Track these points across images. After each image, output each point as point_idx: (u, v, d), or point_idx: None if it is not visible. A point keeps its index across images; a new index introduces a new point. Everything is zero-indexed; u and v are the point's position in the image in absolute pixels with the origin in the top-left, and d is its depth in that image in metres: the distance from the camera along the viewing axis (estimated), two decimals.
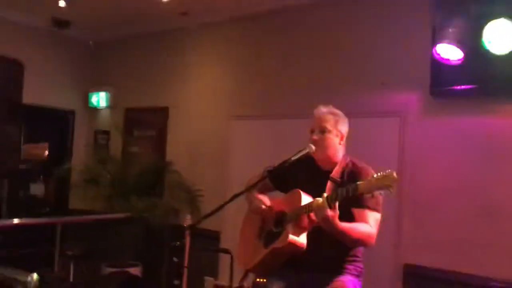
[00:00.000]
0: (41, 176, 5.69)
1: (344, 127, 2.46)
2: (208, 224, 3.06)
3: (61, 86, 5.72)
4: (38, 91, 5.13)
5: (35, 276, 1.96)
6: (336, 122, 2.43)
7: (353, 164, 2.41)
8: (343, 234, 2.14)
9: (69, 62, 5.79)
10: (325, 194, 2.11)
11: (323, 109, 2.47)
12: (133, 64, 5.62)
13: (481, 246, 3.25)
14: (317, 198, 2.13)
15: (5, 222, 3.99)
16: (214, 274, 4.58)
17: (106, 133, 5.77)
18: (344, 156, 2.46)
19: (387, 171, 1.95)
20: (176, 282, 2.60)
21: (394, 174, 1.93)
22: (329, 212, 2.06)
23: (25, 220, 4.06)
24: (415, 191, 3.55)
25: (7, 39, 4.90)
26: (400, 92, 3.68)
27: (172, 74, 5.25)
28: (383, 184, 1.95)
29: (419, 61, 3.52)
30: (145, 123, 5.42)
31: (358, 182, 2.05)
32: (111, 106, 5.73)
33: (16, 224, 3.96)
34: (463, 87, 3.27)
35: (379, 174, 1.98)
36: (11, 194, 5.32)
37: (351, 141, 2.52)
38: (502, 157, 3.22)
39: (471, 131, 3.36)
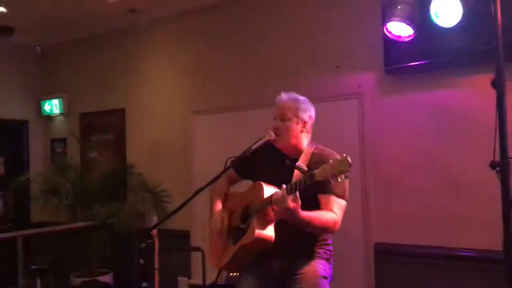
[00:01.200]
0: None
1: (307, 114, 2.40)
2: (176, 224, 3.01)
3: (11, 96, 5.52)
4: None
5: None
6: (297, 109, 2.38)
7: (319, 151, 2.37)
8: (306, 224, 2.12)
9: (18, 70, 5.59)
10: (284, 186, 2.09)
11: (283, 97, 2.42)
12: (84, 67, 5.45)
13: (447, 219, 3.30)
14: (277, 190, 2.11)
15: None
16: (187, 273, 4.51)
17: (63, 140, 5.59)
18: (309, 143, 2.42)
19: (341, 156, 1.94)
20: (144, 285, 2.52)
21: (348, 159, 1.91)
22: (290, 204, 2.03)
23: None
24: (379, 169, 3.58)
25: None
26: (356, 74, 3.70)
27: (126, 74, 5.11)
28: (338, 169, 1.93)
29: (371, 41, 3.54)
30: (102, 127, 5.27)
31: (314, 170, 2.02)
32: (65, 112, 5.55)
33: None
34: (416, 63, 3.30)
35: (332, 160, 1.96)
36: None
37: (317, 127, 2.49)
38: (460, 128, 3.28)
39: (428, 105, 3.41)
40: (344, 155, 1.93)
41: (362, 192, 3.59)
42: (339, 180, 1.96)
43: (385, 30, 3.22)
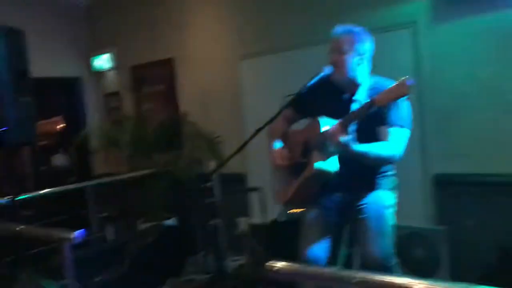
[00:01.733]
0: (61, 149, 5.75)
1: (364, 45, 2.34)
2: (233, 167, 3.10)
3: (62, 54, 5.65)
4: (39, 62, 5.06)
5: (77, 232, 1.99)
6: (354, 41, 2.32)
7: (378, 82, 2.34)
8: (361, 157, 2.15)
9: (66, 28, 5.67)
10: (338, 121, 2.10)
11: (338, 29, 2.36)
12: (131, 20, 5.48)
13: (505, 147, 3.23)
14: (329, 126, 2.13)
15: (34, 193, 4.04)
16: (247, 214, 4.67)
17: (116, 94, 5.74)
18: (368, 76, 2.38)
19: (399, 80, 1.92)
20: (212, 222, 2.66)
21: (407, 81, 1.90)
22: (342, 138, 2.05)
23: (54, 189, 4.13)
24: (436, 99, 3.50)
25: None
26: (408, 1, 3.55)
27: (172, 23, 5.12)
28: (398, 93, 1.92)
29: None
30: (153, 78, 5.36)
31: (373, 97, 2.02)
32: (116, 66, 5.67)
33: (46, 194, 4.04)
34: None
35: (392, 85, 1.95)
36: (35, 170, 5.43)
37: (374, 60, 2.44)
38: None
39: (486, 31, 3.26)
40: (402, 78, 1.92)
41: (419, 123, 3.54)
42: (399, 104, 1.96)
43: None
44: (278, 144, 2.58)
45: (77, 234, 1.98)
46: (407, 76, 1.93)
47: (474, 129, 3.37)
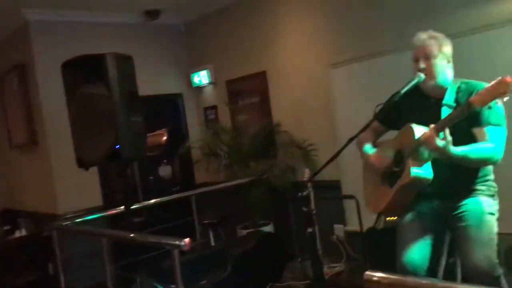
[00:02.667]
0: (165, 160, 6.18)
1: (448, 48, 2.35)
2: (327, 175, 3.16)
3: (164, 73, 6.09)
4: (144, 82, 5.50)
5: (187, 240, 2.17)
6: (440, 46, 2.33)
7: (465, 84, 2.31)
8: (462, 159, 2.10)
9: (166, 49, 6.10)
10: (432, 125, 2.08)
11: (422, 35, 2.37)
12: (225, 37, 5.77)
13: None
14: (426, 131, 2.11)
15: (145, 203, 4.42)
16: (343, 221, 4.68)
17: (214, 107, 6.06)
18: (454, 79, 2.36)
19: (497, 79, 1.87)
20: (309, 230, 2.74)
21: (507, 79, 1.84)
22: (439, 142, 2.03)
23: (164, 198, 4.47)
24: None
25: (107, 39, 5.32)
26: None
27: (263, 37, 5.31)
28: (498, 92, 1.87)
29: None
30: (247, 91, 5.58)
31: (469, 99, 1.98)
32: (213, 81, 5.98)
33: (156, 203, 4.40)
34: None
35: (489, 84, 1.90)
36: (143, 180, 5.90)
37: (463, 64, 2.39)
38: None
39: None
40: (500, 77, 1.87)
41: None
42: (499, 103, 1.90)
43: None
44: (371, 149, 2.60)
45: (185, 242, 2.16)
46: (503, 76, 1.88)
47: None
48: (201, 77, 6.04)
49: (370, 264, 3.77)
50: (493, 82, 1.91)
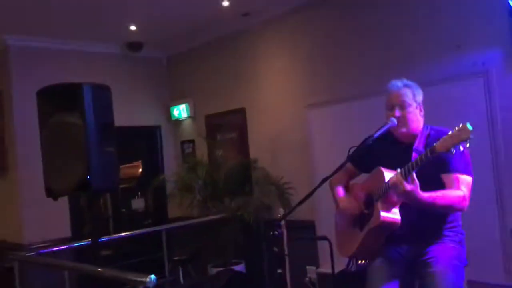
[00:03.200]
0: (139, 192, 6.08)
1: (420, 97, 2.43)
2: (301, 215, 3.15)
3: (145, 105, 6.09)
4: (123, 113, 5.47)
5: (153, 276, 2.10)
6: (414, 95, 2.40)
7: (435, 131, 2.37)
8: (430, 204, 2.12)
9: (148, 81, 6.13)
10: (398, 170, 2.11)
11: (398, 84, 2.43)
12: (206, 72, 5.82)
13: None
14: (392, 175, 2.13)
15: (114, 236, 4.31)
16: (315, 263, 4.63)
17: (191, 141, 6.04)
18: (424, 126, 2.42)
19: (460, 125, 1.93)
20: (279, 270, 2.69)
21: (469, 126, 1.91)
22: (407, 187, 2.05)
23: (133, 232, 4.37)
24: (510, 150, 3.36)
25: (87, 68, 5.33)
26: (479, 51, 3.51)
27: (243, 75, 5.38)
28: (459, 138, 1.93)
29: (494, 16, 3.34)
30: (226, 126, 5.61)
31: (434, 144, 2.03)
32: (192, 115, 5.99)
33: (125, 236, 4.29)
34: None
35: (452, 130, 1.96)
36: (115, 212, 5.77)
37: (434, 111, 2.46)
38: None
39: None
40: (462, 123, 1.92)
41: (494, 174, 3.40)
42: (461, 149, 1.94)
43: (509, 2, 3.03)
44: (342, 193, 2.61)
45: (151, 279, 2.09)
46: (465, 122, 1.93)
47: None
48: (181, 111, 6.05)
49: None
50: (455, 129, 1.96)
